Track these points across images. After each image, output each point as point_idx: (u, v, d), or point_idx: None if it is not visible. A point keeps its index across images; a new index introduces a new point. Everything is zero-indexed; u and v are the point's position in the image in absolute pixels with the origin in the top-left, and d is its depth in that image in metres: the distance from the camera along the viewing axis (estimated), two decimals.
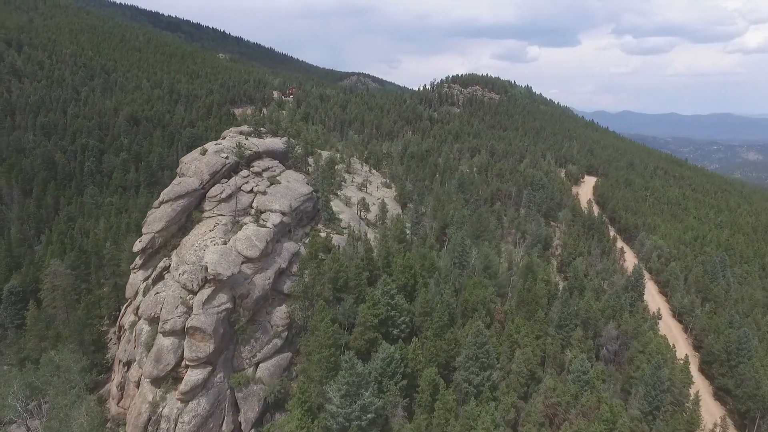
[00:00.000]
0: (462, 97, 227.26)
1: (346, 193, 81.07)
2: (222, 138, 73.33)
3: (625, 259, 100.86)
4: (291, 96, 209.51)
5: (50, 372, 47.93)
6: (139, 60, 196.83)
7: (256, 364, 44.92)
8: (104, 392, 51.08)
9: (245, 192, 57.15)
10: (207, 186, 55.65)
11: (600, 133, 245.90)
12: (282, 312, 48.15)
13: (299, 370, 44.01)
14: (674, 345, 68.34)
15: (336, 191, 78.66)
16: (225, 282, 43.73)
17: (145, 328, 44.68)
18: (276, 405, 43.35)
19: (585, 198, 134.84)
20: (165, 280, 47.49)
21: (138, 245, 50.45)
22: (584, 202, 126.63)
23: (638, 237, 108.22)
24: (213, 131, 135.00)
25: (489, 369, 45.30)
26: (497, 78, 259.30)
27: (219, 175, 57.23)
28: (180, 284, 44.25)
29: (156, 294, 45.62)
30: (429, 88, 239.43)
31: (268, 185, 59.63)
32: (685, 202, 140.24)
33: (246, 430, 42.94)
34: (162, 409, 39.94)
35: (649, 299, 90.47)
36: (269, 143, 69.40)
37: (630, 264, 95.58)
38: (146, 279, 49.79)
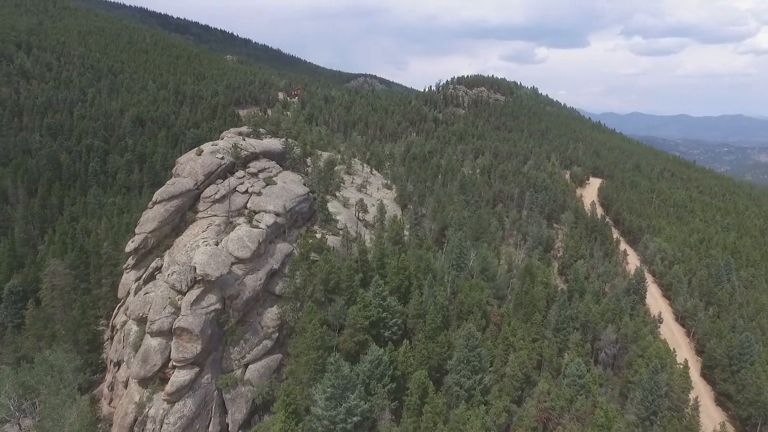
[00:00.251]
0: (467, 99, 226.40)
1: (345, 195, 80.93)
2: (221, 138, 73.55)
3: (628, 262, 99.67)
4: (296, 97, 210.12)
5: (44, 371, 48.12)
6: (146, 61, 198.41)
7: (245, 366, 44.79)
8: (98, 392, 51.31)
9: (240, 193, 57.14)
10: (202, 186, 55.70)
11: (606, 135, 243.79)
12: (273, 313, 47.99)
13: (288, 372, 43.82)
14: (675, 349, 67.30)
15: (334, 192, 78.54)
16: (214, 283, 43.68)
17: (134, 329, 44.77)
18: (264, 407, 43.17)
19: (590, 200, 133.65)
20: (156, 281, 47.56)
21: (130, 245, 50.61)
22: (589, 204, 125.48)
23: (642, 239, 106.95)
24: (217, 132, 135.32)
25: (481, 372, 44.79)
26: (503, 79, 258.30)
27: (214, 176, 57.26)
28: (169, 285, 44.29)
29: (145, 294, 45.71)
30: (434, 90, 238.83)
31: (264, 186, 59.59)
32: (692, 205, 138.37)
33: None
34: (148, 410, 39.93)
35: (652, 302, 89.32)
36: (267, 144, 69.40)
37: (633, 267, 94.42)
38: (138, 279, 49.92)
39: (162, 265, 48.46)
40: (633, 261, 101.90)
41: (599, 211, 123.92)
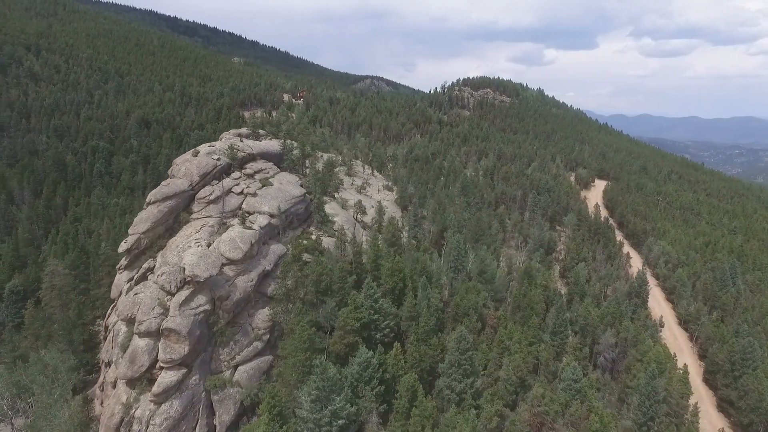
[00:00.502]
0: (473, 100, 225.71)
1: (344, 196, 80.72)
2: (220, 140, 73.75)
3: (631, 265, 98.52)
4: (301, 99, 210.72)
5: (38, 371, 48.40)
6: (153, 64, 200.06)
7: (235, 367, 44.68)
8: (92, 392, 51.45)
9: (235, 194, 57.21)
10: (197, 187, 55.83)
11: (613, 137, 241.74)
12: (265, 315, 47.88)
13: (276, 374, 43.65)
14: (675, 354, 66.30)
15: (333, 194, 78.42)
16: (203, 284, 43.68)
17: (123, 329, 44.89)
18: (253, 409, 42.95)
19: (595, 202, 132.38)
20: (146, 281, 47.68)
21: (123, 246, 50.78)
22: (593, 207, 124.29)
23: (646, 242, 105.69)
24: (221, 134, 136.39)
25: (472, 376, 44.31)
26: (509, 81, 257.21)
27: (210, 177, 57.39)
28: (158, 285, 44.36)
29: (135, 295, 45.82)
30: (439, 91, 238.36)
31: (260, 187, 59.60)
32: (699, 207, 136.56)
33: None
34: (135, 411, 39.93)
35: (655, 306, 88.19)
36: (264, 145, 69.47)
37: (636, 270, 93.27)
38: (130, 280, 50.08)
39: (154, 266, 48.61)
40: (636, 264, 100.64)
41: (603, 214, 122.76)
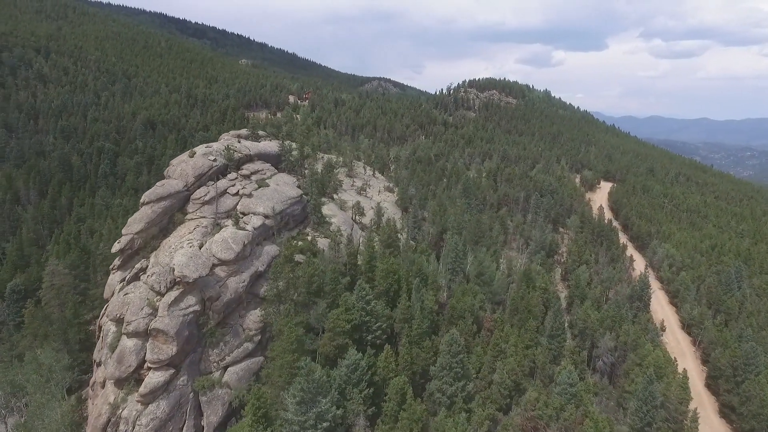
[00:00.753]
0: (478, 102, 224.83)
1: (343, 197, 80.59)
2: (219, 140, 73.94)
3: (635, 268, 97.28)
4: (306, 100, 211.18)
5: (33, 369, 48.68)
6: (160, 65, 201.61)
7: (225, 368, 44.61)
8: (86, 392, 51.65)
9: (231, 194, 57.26)
10: (192, 188, 55.91)
11: (621, 138, 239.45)
12: (256, 316, 47.78)
13: (264, 375, 43.49)
14: (676, 358, 65.23)
15: (332, 195, 78.31)
16: (193, 284, 43.68)
17: (112, 329, 44.98)
18: (241, 410, 42.81)
19: (599, 204, 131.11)
20: (138, 282, 47.75)
21: (116, 246, 50.96)
22: (597, 209, 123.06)
23: (650, 245, 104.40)
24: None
25: (464, 379, 43.84)
26: (515, 82, 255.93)
27: (205, 178, 57.48)
28: (148, 286, 44.45)
29: (125, 295, 45.91)
30: (445, 93, 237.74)
31: (256, 188, 59.60)
32: (706, 210, 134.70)
33: None
34: (121, 411, 39.97)
35: (659, 309, 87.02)
36: (262, 146, 69.53)
37: (639, 273, 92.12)
38: (123, 280, 50.24)
39: (147, 266, 48.71)
40: (640, 267, 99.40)
41: (608, 216, 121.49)
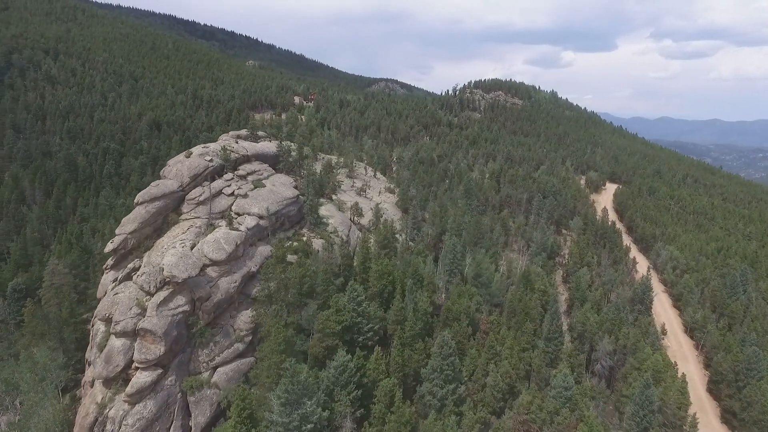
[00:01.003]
0: (484, 103, 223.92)
1: (342, 198, 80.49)
2: (218, 141, 74.18)
3: (638, 270, 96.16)
4: (312, 101, 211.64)
5: (28, 368, 48.97)
6: (167, 67, 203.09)
7: (214, 368, 44.61)
8: (80, 391, 51.89)
9: (226, 195, 57.36)
10: (187, 188, 56.10)
11: (628, 140, 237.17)
12: (247, 316, 47.76)
13: (253, 376, 43.43)
14: (676, 362, 64.30)
15: (331, 195, 78.22)
16: (182, 284, 43.75)
17: (101, 329, 45.20)
18: (230, 410, 42.69)
19: (604, 206, 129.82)
20: (128, 281, 47.92)
21: (109, 246, 51.26)
22: (601, 210, 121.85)
23: (654, 247, 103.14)
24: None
25: (455, 382, 43.44)
26: (521, 83, 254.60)
27: (201, 178, 57.64)
28: (137, 285, 44.61)
29: (115, 295, 46.14)
30: (451, 94, 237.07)
31: (252, 188, 59.67)
32: (713, 212, 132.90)
33: None
34: (108, 411, 40.11)
35: (662, 313, 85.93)
36: (260, 147, 69.64)
37: (641, 275, 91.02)
38: (115, 280, 50.48)
39: (140, 266, 48.89)
40: (644, 270, 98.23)
41: (612, 218, 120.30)
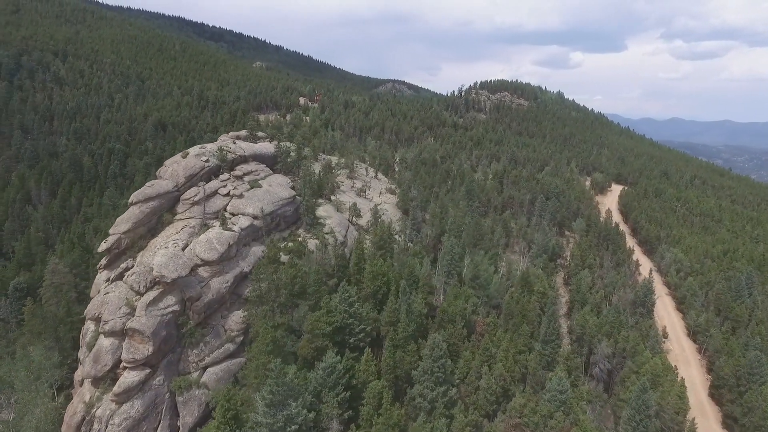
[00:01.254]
0: (489, 104, 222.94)
1: (342, 198, 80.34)
2: (217, 141, 74.40)
3: (641, 273, 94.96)
4: (317, 102, 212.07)
5: (23, 366, 49.26)
6: (173, 68, 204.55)
7: (204, 369, 44.63)
8: (74, 390, 52.20)
9: (221, 195, 57.45)
10: (182, 189, 56.28)
11: (635, 141, 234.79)
12: (239, 316, 47.76)
13: (241, 377, 43.38)
14: (677, 366, 63.39)
15: (329, 196, 78.11)
16: (172, 284, 43.82)
17: (91, 328, 45.44)
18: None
19: (608, 208, 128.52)
20: (119, 281, 48.11)
21: (103, 245, 51.53)
22: (605, 212, 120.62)
23: (658, 249, 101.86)
24: None
25: (446, 384, 43.06)
26: (527, 84, 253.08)
27: (196, 178, 57.81)
28: (128, 285, 44.74)
29: (105, 294, 46.36)
30: (456, 95, 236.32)
31: (247, 189, 59.72)
32: (720, 214, 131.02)
33: None
34: (96, 410, 40.25)
35: (665, 316, 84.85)
36: (258, 147, 69.75)
37: (644, 278, 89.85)
38: (108, 279, 50.71)
39: (132, 266, 49.07)
40: (647, 272, 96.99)
41: (617, 219, 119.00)
